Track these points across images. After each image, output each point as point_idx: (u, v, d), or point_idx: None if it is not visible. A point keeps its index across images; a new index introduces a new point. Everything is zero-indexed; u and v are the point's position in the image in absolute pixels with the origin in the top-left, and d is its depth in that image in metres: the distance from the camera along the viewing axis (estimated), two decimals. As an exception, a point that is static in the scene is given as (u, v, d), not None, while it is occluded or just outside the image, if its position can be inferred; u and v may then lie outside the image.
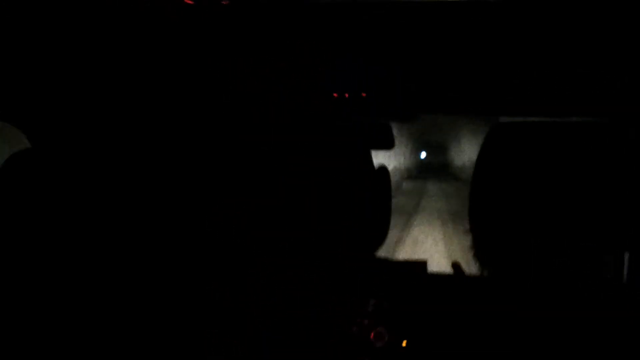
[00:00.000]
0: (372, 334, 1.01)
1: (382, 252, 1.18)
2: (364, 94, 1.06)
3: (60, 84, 1.07)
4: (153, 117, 1.10)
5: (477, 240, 0.87)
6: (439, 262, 5.13)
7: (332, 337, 1.01)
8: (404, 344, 0.98)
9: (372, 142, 1.12)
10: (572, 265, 0.80)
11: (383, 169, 1.11)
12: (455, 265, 1.06)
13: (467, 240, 0.95)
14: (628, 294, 0.87)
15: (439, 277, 1.21)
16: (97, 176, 1.08)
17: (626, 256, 0.91)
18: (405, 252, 6.07)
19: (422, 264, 1.21)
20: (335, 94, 1.05)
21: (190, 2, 0.86)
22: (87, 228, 1.06)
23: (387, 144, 1.14)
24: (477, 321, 0.86)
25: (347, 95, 1.06)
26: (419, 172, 20.94)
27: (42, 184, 1.04)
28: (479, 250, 0.92)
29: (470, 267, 1.02)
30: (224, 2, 0.86)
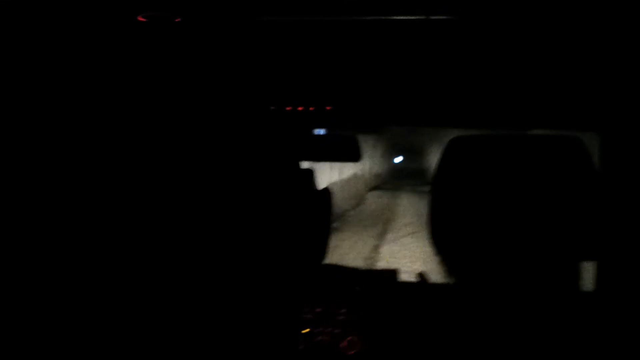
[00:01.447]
0: (344, 342, 1.06)
1: (353, 262, 1.23)
2: (328, 107, 1.12)
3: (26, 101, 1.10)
4: (123, 125, 1.14)
5: (439, 250, 0.92)
6: (410, 271, 5.19)
7: (302, 347, 1.05)
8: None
9: (339, 155, 1.18)
10: (535, 274, 0.85)
11: (326, 190, 1.17)
12: (421, 275, 1.11)
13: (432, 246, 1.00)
14: (595, 303, 0.93)
15: (408, 285, 1.27)
16: (92, 180, 1.11)
17: (592, 265, 0.96)
18: (378, 261, 6.15)
19: (392, 273, 1.26)
20: (300, 107, 1.11)
21: (142, 20, 0.90)
22: (86, 230, 1.09)
23: (353, 157, 1.19)
24: (446, 328, 0.90)
25: (311, 108, 1.12)
26: (393, 178, 20.38)
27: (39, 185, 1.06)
28: (442, 260, 0.96)
29: (437, 276, 1.07)
30: (176, 20, 0.89)
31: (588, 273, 0.99)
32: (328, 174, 8.37)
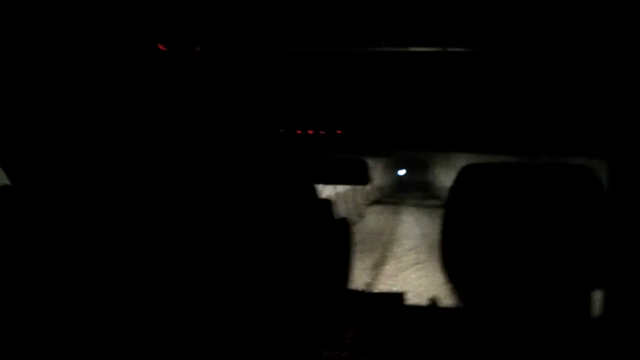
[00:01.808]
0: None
1: (360, 285, 1.24)
2: (339, 132, 1.14)
3: (38, 121, 1.12)
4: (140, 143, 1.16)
5: (451, 277, 0.93)
6: (417, 294, 5.03)
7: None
8: None
9: (347, 178, 1.20)
10: (548, 302, 0.85)
11: (344, 220, 1.19)
12: (432, 300, 1.12)
13: (443, 274, 1.01)
14: (604, 329, 0.94)
15: (416, 309, 1.28)
16: (93, 184, 1.13)
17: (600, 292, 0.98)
18: (383, 283, 5.72)
19: (399, 296, 1.28)
20: (310, 131, 1.13)
21: (163, 48, 0.93)
22: (85, 232, 1.11)
23: (362, 180, 1.21)
24: (455, 354, 0.91)
25: (322, 132, 1.14)
26: (396, 192, 19.97)
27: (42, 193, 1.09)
28: (454, 285, 0.96)
29: (447, 300, 1.08)
30: (196, 50, 0.92)
31: (597, 299, 1.00)
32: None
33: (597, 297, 0.99)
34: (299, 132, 1.12)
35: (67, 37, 0.96)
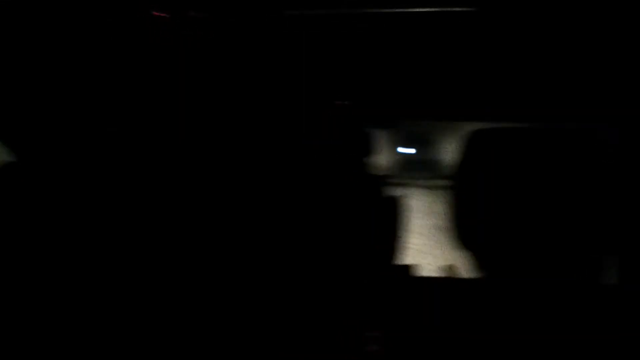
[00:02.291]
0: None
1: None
2: (339, 102, 1.13)
3: (42, 94, 1.12)
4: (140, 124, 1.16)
5: (463, 245, 0.93)
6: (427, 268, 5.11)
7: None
8: None
9: (351, 150, 1.19)
10: (565, 269, 0.87)
11: (394, 198, 1.18)
12: (450, 268, 1.11)
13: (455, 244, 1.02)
14: (620, 298, 0.94)
15: (425, 280, 1.28)
16: (90, 181, 1.14)
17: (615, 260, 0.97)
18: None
19: (407, 268, 1.28)
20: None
21: (158, 15, 0.91)
22: (84, 231, 1.12)
23: (366, 152, 1.21)
24: (467, 323, 0.92)
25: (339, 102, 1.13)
26: (400, 171, 20.02)
27: (36, 188, 1.09)
28: (466, 256, 0.97)
29: (460, 271, 1.08)
30: (191, 14, 0.91)
31: (611, 266, 1.01)
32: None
33: (611, 263, 0.99)
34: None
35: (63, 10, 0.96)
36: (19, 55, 1.10)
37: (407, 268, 1.30)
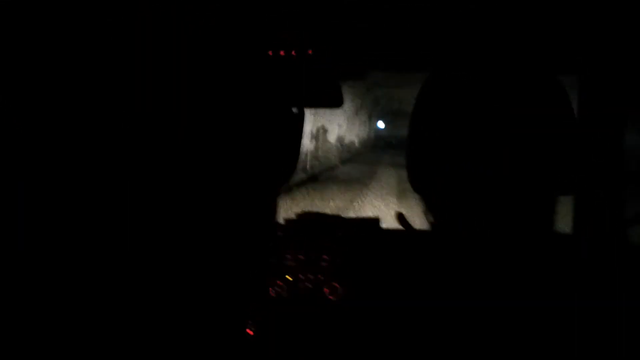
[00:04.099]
0: (326, 289, 1.14)
1: (335, 211, 1.31)
2: (310, 51, 1.17)
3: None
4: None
5: (416, 187, 0.97)
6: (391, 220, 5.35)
7: (285, 293, 1.13)
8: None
9: (320, 100, 1.23)
10: (514, 212, 0.86)
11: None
12: (400, 216, 1.17)
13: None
14: (571, 243, 1.01)
15: (390, 232, 1.35)
16: (95, 178, 1.16)
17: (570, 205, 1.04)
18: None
19: (375, 221, 1.34)
20: (281, 52, 1.16)
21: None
22: (86, 230, 1.15)
23: (335, 102, 1.25)
24: (428, 272, 0.97)
25: (293, 52, 1.17)
26: (373, 148, 19.08)
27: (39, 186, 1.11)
28: (421, 198, 1.00)
29: (422, 224, 1.14)
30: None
31: (565, 214, 1.06)
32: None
33: (567, 208, 1.06)
34: (269, 53, 1.15)
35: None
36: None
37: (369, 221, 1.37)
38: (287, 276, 1.16)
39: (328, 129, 13.56)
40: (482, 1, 1.01)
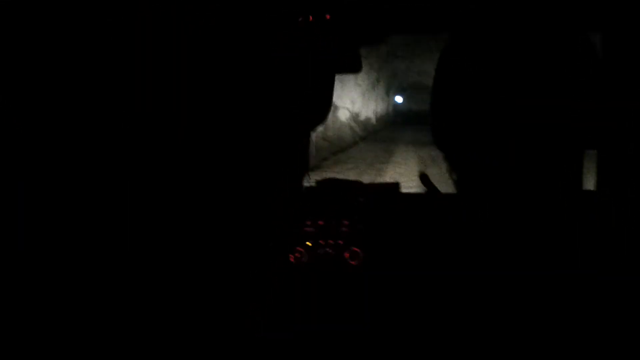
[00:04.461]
0: (347, 254, 1.15)
1: (355, 176, 1.32)
2: (328, 16, 1.17)
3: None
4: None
5: (440, 146, 0.97)
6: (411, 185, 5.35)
7: (305, 259, 1.15)
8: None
9: (339, 66, 1.24)
10: (539, 173, 0.86)
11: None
12: (423, 177, 1.17)
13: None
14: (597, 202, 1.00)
15: (411, 196, 1.36)
16: (96, 177, 1.18)
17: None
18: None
19: (395, 186, 1.35)
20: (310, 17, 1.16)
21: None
22: (85, 230, 1.17)
23: (354, 67, 1.25)
24: (451, 240, 0.97)
25: (310, 18, 1.17)
26: (391, 125, 18.34)
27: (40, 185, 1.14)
28: (450, 166, 0.97)
29: (445, 189, 1.15)
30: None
31: (590, 173, 1.05)
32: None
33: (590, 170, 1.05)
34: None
35: None
36: None
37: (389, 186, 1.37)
38: (307, 242, 1.18)
39: (339, 105, 13.16)
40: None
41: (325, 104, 1.26)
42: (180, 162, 1.23)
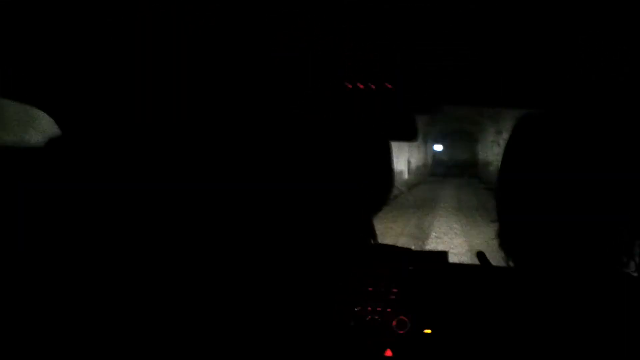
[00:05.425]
0: (395, 322, 1.17)
1: (404, 243, 1.33)
2: (389, 85, 1.22)
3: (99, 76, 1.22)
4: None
5: (503, 230, 0.99)
6: (460, 253, 5.22)
7: (353, 323, 1.16)
8: (427, 331, 1.13)
9: (395, 134, 1.28)
10: (604, 258, 0.89)
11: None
12: (480, 255, 1.19)
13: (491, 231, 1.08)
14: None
15: (460, 267, 1.36)
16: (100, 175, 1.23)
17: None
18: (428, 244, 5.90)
19: (443, 254, 1.36)
20: (361, 85, 1.21)
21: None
22: (87, 229, 1.20)
23: (410, 136, 1.30)
24: (500, 312, 0.97)
25: (372, 86, 1.22)
26: (429, 176, 17.26)
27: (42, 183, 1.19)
28: (504, 240, 1.00)
29: (495, 258, 1.16)
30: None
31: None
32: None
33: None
34: (349, 86, 1.20)
35: None
36: None
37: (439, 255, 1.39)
38: (355, 307, 1.20)
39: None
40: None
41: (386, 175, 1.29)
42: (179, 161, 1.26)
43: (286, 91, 1.28)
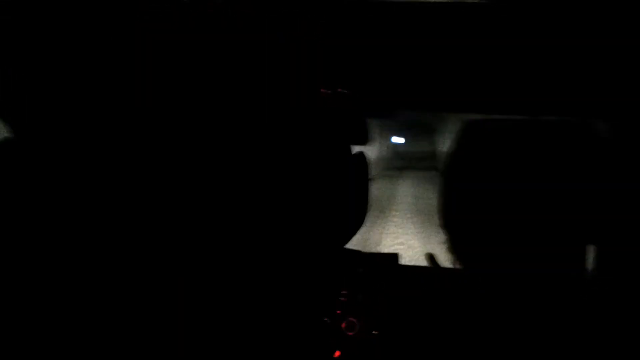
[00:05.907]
0: (344, 324, 1.19)
1: (354, 245, 1.35)
2: (339, 89, 1.23)
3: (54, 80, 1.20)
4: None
5: (450, 235, 1.03)
6: (411, 255, 5.31)
7: (307, 328, 1.18)
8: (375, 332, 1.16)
9: (347, 137, 1.29)
10: (549, 261, 0.94)
11: (361, 155, 1.28)
12: (430, 257, 1.22)
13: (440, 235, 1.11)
14: (592, 290, 1.05)
15: (411, 269, 1.39)
16: (90, 174, 1.21)
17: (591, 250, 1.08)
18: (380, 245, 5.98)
19: (394, 256, 1.39)
20: (322, 90, 1.22)
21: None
22: (82, 227, 1.19)
23: (361, 140, 1.31)
24: (448, 313, 1.00)
25: (322, 90, 1.23)
26: (392, 164, 18.20)
27: (28, 178, 1.17)
28: (452, 245, 1.05)
29: (445, 260, 1.19)
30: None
31: (589, 259, 1.10)
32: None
33: (591, 253, 1.09)
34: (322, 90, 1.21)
35: None
36: None
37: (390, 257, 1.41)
38: (303, 309, 1.21)
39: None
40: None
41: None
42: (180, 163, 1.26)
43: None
